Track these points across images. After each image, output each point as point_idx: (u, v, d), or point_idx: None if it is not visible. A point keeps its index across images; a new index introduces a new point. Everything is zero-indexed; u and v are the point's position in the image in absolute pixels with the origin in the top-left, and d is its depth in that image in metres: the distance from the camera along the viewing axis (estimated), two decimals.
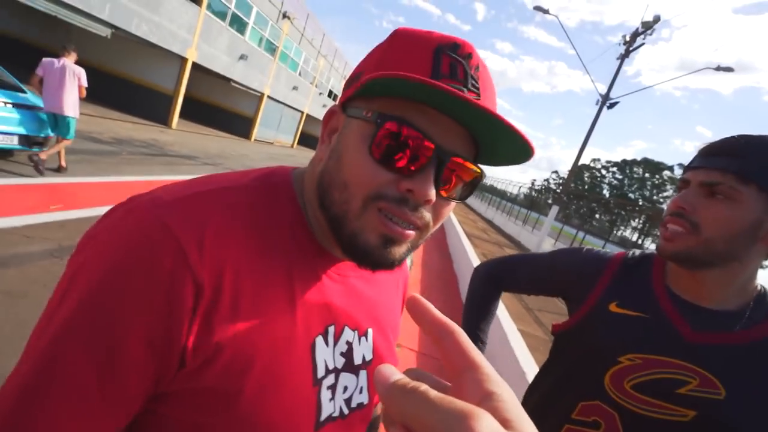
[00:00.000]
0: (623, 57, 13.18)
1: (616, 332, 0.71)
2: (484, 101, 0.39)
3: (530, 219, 18.97)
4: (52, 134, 4.81)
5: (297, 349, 0.42)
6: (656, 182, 58.05)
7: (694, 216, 0.64)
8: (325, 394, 0.45)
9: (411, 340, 3.40)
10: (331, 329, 0.46)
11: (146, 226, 0.35)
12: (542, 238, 14.20)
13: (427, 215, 0.41)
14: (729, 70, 12.92)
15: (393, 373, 0.19)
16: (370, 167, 0.39)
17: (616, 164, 61.78)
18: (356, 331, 0.49)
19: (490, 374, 0.19)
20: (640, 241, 14.50)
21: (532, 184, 73.62)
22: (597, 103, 13.22)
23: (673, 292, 0.70)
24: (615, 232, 43.74)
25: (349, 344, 0.48)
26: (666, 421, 0.63)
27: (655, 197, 57.52)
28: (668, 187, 56.86)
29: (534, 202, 24.59)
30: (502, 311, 3.73)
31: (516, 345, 2.78)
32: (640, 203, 54.71)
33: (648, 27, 12.55)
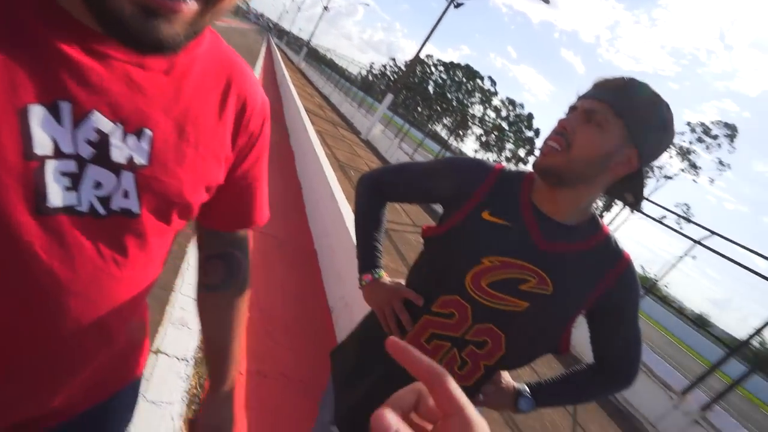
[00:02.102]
0: None
1: (484, 237, 0.81)
2: None
3: (365, 103, 19.45)
4: None
5: None
6: (469, 88, 66.50)
7: (571, 136, 0.74)
8: (56, 178, 0.41)
9: None
10: (65, 106, 0.41)
11: None
12: (374, 123, 14.93)
13: None
14: (546, 2, 14.83)
15: (394, 422, 0.22)
16: None
17: (444, 64, 66.93)
18: (120, 126, 0.44)
19: (474, 419, 0.23)
20: (448, 139, 16.89)
21: (370, 67, 73.66)
22: None
23: (534, 205, 0.81)
24: (430, 126, 49.70)
25: (103, 134, 0.43)
26: (506, 311, 0.80)
27: (465, 101, 66.47)
28: (477, 95, 66.20)
29: (370, 86, 24.96)
30: (337, 191, 3.93)
31: (350, 225, 3.05)
32: (454, 104, 62.62)
33: None
